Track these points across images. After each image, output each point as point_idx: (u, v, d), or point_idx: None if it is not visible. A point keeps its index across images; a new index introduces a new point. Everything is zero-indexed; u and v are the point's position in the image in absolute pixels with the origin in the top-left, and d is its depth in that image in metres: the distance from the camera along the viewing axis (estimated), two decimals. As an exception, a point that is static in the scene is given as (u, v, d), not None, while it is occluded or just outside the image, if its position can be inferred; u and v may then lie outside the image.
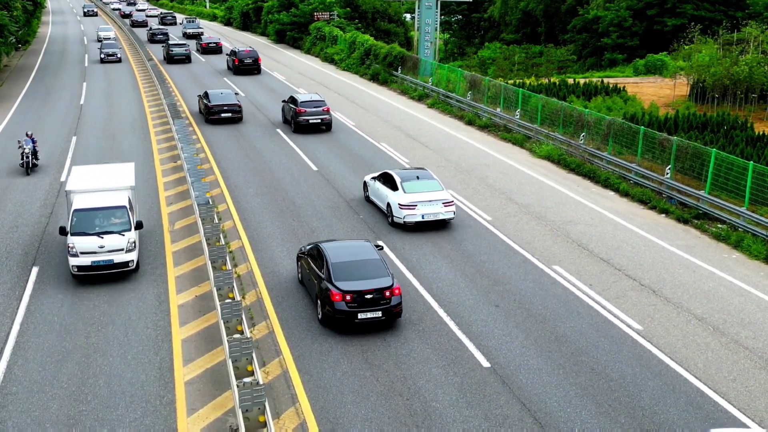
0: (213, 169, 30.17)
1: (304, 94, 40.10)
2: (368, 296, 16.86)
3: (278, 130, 36.90)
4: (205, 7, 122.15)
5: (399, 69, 51.33)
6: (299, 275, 19.74)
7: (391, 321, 17.38)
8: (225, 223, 23.94)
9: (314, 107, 36.17)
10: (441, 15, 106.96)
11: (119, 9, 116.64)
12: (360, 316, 16.88)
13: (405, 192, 23.55)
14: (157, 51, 66.67)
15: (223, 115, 38.08)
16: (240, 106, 38.92)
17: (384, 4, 77.99)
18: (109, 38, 72.53)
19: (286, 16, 74.71)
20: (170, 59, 60.30)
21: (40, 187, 27.85)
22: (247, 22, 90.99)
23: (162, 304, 18.49)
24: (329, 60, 63.10)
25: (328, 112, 36.53)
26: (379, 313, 16.97)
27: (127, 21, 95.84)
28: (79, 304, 18.41)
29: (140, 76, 53.73)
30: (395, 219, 23.60)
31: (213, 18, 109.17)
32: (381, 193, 24.67)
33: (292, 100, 37.37)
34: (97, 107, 42.77)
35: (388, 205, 23.94)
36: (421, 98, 45.79)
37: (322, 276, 17.48)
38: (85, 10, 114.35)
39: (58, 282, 19.64)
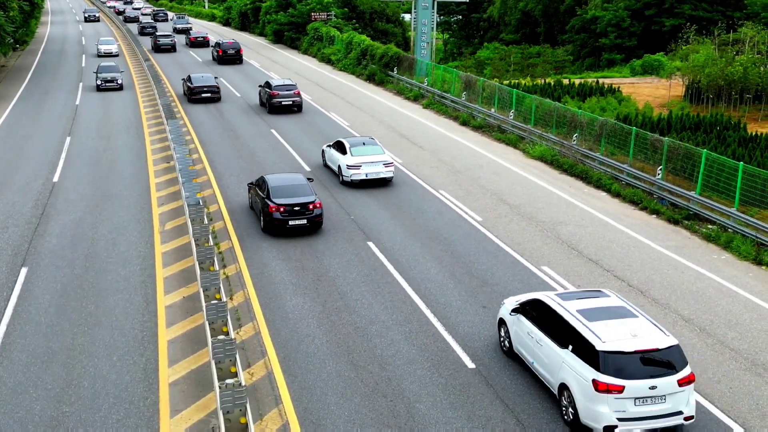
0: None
1: (277, 79, 44.48)
2: (296, 208, 22.60)
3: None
4: (204, 7, 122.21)
5: (395, 69, 51.34)
6: (250, 201, 25.25)
7: (314, 228, 23.05)
8: (216, 224, 23.96)
9: (286, 90, 40.90)
10: (440, 15, 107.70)
11: (114, 6, 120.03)
12: (290, 222, 22.69)
13: (352, 155, 27.82)
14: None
15: (203, 95, 43.70)
16: (218, 87, 44.36)
17: (382, 4, 78.05)
18: (110, 53, 63.11)
19: (283, 17, 74.74)
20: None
21: (33, 187, 27.89)
22: (246, 22, 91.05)
23: (150, 305, 18.50)
24: (326, 60, 63.13)
25: (298, 95, 41.21)
26: (304, 221, 22.74)
27: (121, 17, 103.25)
28: (66, 305, 18.42)
29: (137, 77, 53.75)
30: (344, 178, 27.94)
31: (212, 18, 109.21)
32: (334, 157, 29.02)
33: (267, 84, 41.97)
34: (93, 107, 42.81)
35: (339, 167, 28.29)
36: (416, 99, 45.80)
37: (264, 196, 23.06)
38: (87, 15, 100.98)
39: (46, 283, 19.65)
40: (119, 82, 47.71)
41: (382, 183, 28.12)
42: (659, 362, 13.27)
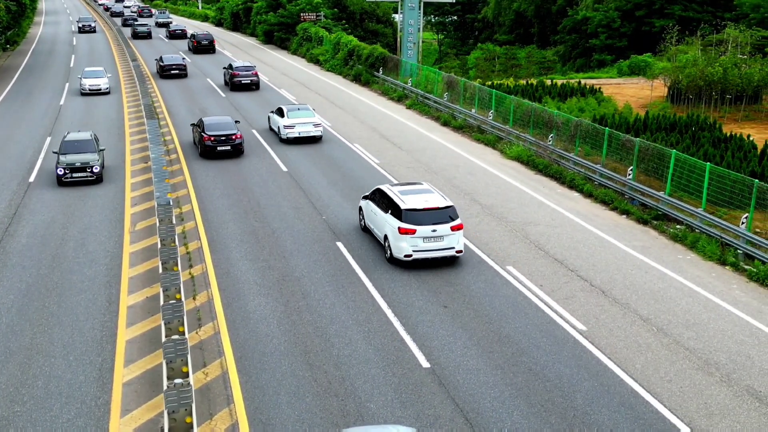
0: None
1: (239, 62, 51.59)
2: (222, 138, 31.40)
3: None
4: (198, 7, 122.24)
5: (380, 70, 51.43)
6: (194, 140, 33.57)
7: (236, 153, 31.93)
8: (187, 224, 24.05)
9: (246, 71, 48.89)
10: (435, 16, 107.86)
11: (104, 4, 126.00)
12: (218, 148, 31.38)
13: (288, 118, 34.60)
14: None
15: (172, 71, 53.22)
16: (185, 66, 53.97)
17: (372, 4, 78.09)
18: (98, 89, 46.71)
19: (273, 17, 74.82)
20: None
21: (9, 187, 27.95)
22: (238, 22, 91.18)
23: (112, 305, 18.58)
24: (314, 61, 63.21)
25: (256, 75, 49.14)
26: (228, 147, 31.51)
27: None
28: (28, 305, 18.49)
29: (123, 75, 53.82)
30: (282, 136, 34.75)
31: (205, 19, 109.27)
32: (275, 120, 35.80)
33: (230, 66, 50.19)
34: (77, 107, 42.89)
35: (278, 127, 35.16)
36: (400, 99, 45.90)
37: (200, 130, 31.97)
38: (81, 24, 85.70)
39: (11, 283, 19.72)
40: (95, 170, 28.98)
41: (357, 186, 28.24)
42: (439, 216, 20.55)
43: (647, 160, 26.44)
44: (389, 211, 21.04)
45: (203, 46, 67.42)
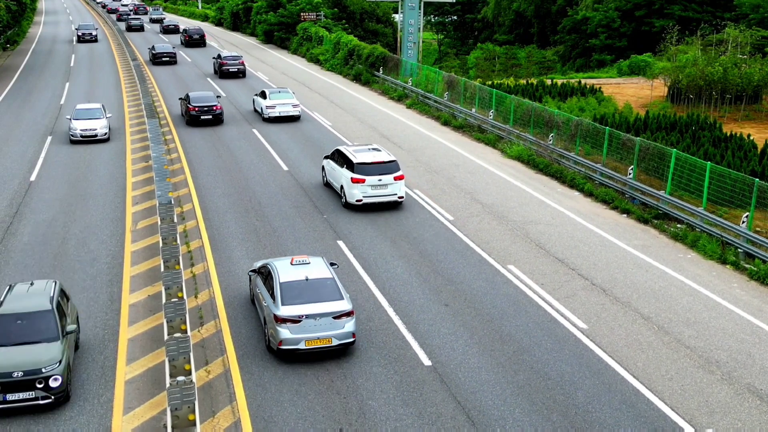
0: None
1: (227, 52, 57.04)
2: (205, 109, 37.27)
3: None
4: (198, 7, 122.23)
5: (381, 69, 51.47)
6: (182, 111, 39.31)
7: (217, 122, 37.82)
8: (188, 223, 24.08)
9: (233, 60, 54.01)
10: (435, 16, 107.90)
11: (101, 2, 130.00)
12: (202, 117, 37.27)
13: (270, 99, 39.02)
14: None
15: (163, 59, 59.64)
16: (174, 54, 60.74)
17: (372, 4, 78.11)
18: (91, 134, 34.34)
19: (273, 17, 74.82)
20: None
21: (10, 186, 27.99)
22: (237, 22, 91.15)
23: (114, 304, 18.61)
24: (314, 60, 63.24)
25: (242, 64, 54.12)
26: (210, 116, 37.49)
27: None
28: (30, 303, 18.48)
29: (124, 77, 53.84)
30: (264, 116, 39.14)
31: (205, 18, 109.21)
32: (259, 102, 40.28)
33: (219, 56, 55.46)
34: (77, 107, 42.83)
35: (261, 108, 39.51)
36: (400, 99, 45.93)
37: (187, 102, 38.25)
38: (81, 32, 75.17)
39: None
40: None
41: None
42: (384, 168, 25.23)
43: (648, 159, 26.48)
44: (344, 166, 25.51)
45: (194, 40, 72.32)
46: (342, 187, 25.56)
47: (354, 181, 24.91)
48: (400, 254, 21.79)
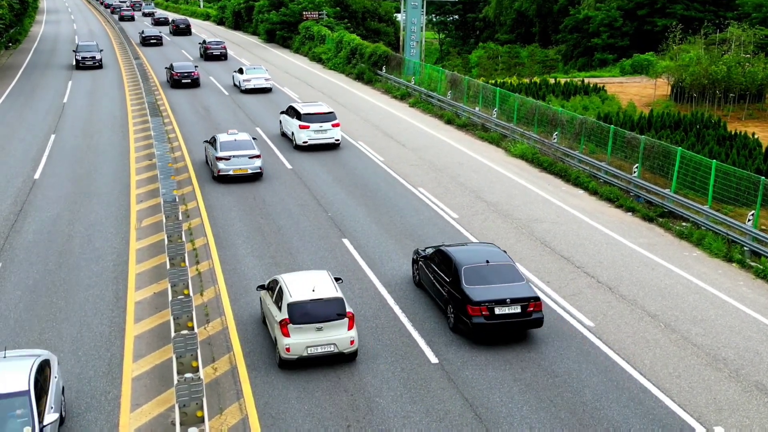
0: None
1: (212, 39, 66.85)
2: (185, 74, 47.94)
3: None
4: (199, 6, 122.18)
5: (383, 68, 51.44)
6: (167, 77, 49.73)
7: (195, 84, 48.10)
8: (193, 221, 24.07)
9: (216, 45, 63.08)
10: (436, 15, 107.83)
11: (103, 1, 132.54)
12: (182, 81, 47.07)
13: (246, 74, 47.07)
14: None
15: (151, 41, 72.31)
16: (161, 37, 73.50)
17: (374, 3, 78.07)
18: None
19: (275, 16, 74.80)
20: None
21: (14, 184, 27.97)
22: (239, 21, 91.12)
23: (119, 301, 18.60)
24: (317, 59, 63.22)
25: (224, 48, 63.00)
26: (189, 80, 47.22)
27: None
28: (36, 301, 18.50)
29: (126, 77, 53.83)
30: (241, 88, 47.09)
31: (206, 17, 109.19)
32: (237, 78, 48.25)
33: (204, 41, 64.44)
34: (80, 105, 42.89)
35: (239, 82, 47.63)
36: (403, 97, 45.91)
37: (170, 69, 48.55)
38: (81, 56, 56.76)
39: (18, 279, 19.74)
40: None
41: (361, 183, 28.26)
42: (324, 118, 32.73)
43: (652, 157, 26.46)
44: (294, 117, 32.96)
45: (181, 29, 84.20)
46: (293, 132, 32.86)
47: (301, 127, 32.23)
48: (405, 252, 21.75)
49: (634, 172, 26.44)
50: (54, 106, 42.86)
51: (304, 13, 71.55)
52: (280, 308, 15.60)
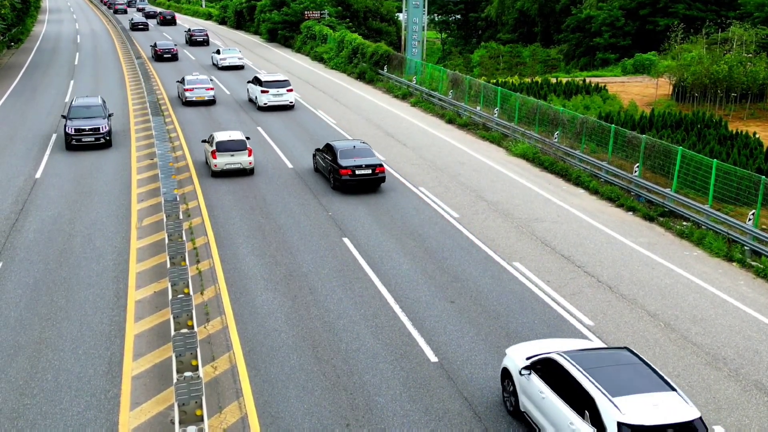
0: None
1: (195, 27, 76.66)
2: (166, 50, 60.61)
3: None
4: (201, 5, 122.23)
5: (385, 68, 51.44)
6: (151, 54, 62.04)
7: (174, 59, 61.09)
8: (194, 220, 24.09)
9: (199, 32, 72.53)
10: (439, 15, 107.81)
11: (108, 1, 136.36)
12: (164, 56, 60.80)
13: (222, 54, 57.52)
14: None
15: (139, 26, 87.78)
16: (147, 23, 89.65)
17: (376, 3, 78.06)
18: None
19: (277, 15, 74.85)
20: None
21: (15, 183, 28.01)
22: (241, 20, 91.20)
23: (120, 300, 18.62)
24: (318, 59, 63.24)
25: (206, 35, 72.35)
26: (170, 56, 60.85)
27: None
28: (37, 299, 18.54)
29: (128, 75, 53.88)
30: (218, 66, 57.36)
31: (208, 17, 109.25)
32: (215, 57, 58.27)
33: (189, 29, 74.14)
34: (81, 105, 42.89)
35: (217, 60, 57.61)
36: (404, 97, 45.91)
37: (154, 47, 61.45)
38: (73, 106, 35.68)
39: (19, 278, 19.77)
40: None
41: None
42: (281, 84, 41.67)
43: (653, 157, 26.44)
44: (257, 85, 41.22)
45: (167, 20, 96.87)
46: (256, 97, 41.38)
47: (262, 92, 40.68)
48: (405, 251, 21.78)
49: (635, 171, 26.42)
50: (56, 105, 42.91)
51: (305, 12, 71.59)
52: (210, 143, 28.82)
